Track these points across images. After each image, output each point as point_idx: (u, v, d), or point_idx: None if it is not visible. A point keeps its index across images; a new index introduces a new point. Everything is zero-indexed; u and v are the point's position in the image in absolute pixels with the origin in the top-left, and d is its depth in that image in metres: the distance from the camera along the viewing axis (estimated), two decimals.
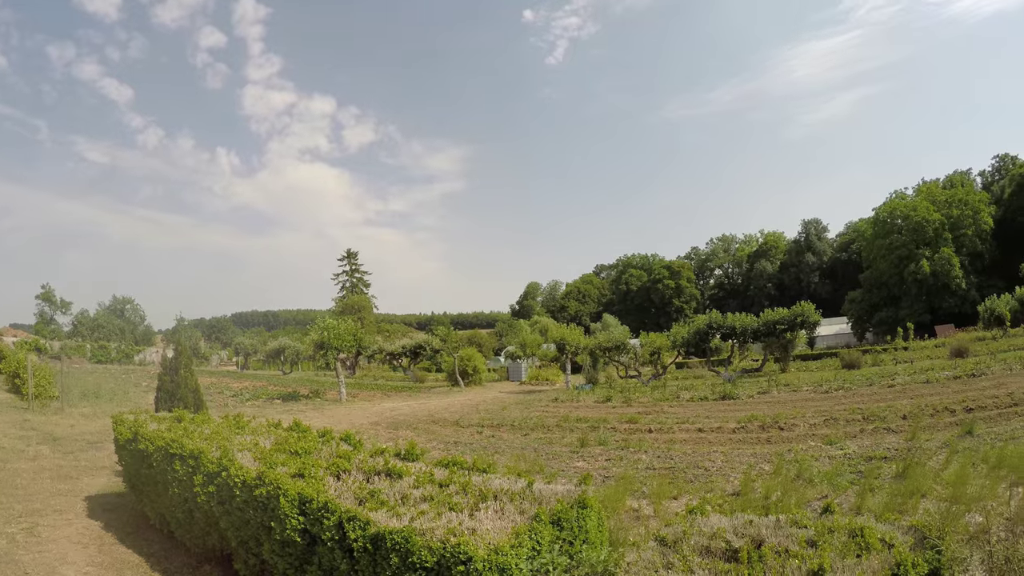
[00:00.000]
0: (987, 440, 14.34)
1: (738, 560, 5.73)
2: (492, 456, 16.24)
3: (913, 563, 5.46)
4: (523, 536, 5.56)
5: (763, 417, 20.12)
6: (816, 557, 5.57)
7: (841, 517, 6.73)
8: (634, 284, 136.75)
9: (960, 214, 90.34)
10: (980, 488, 9.86)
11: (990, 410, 18.04)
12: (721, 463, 14.61)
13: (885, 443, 15.41)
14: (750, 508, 8.63)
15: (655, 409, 25.12)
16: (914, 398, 21.79)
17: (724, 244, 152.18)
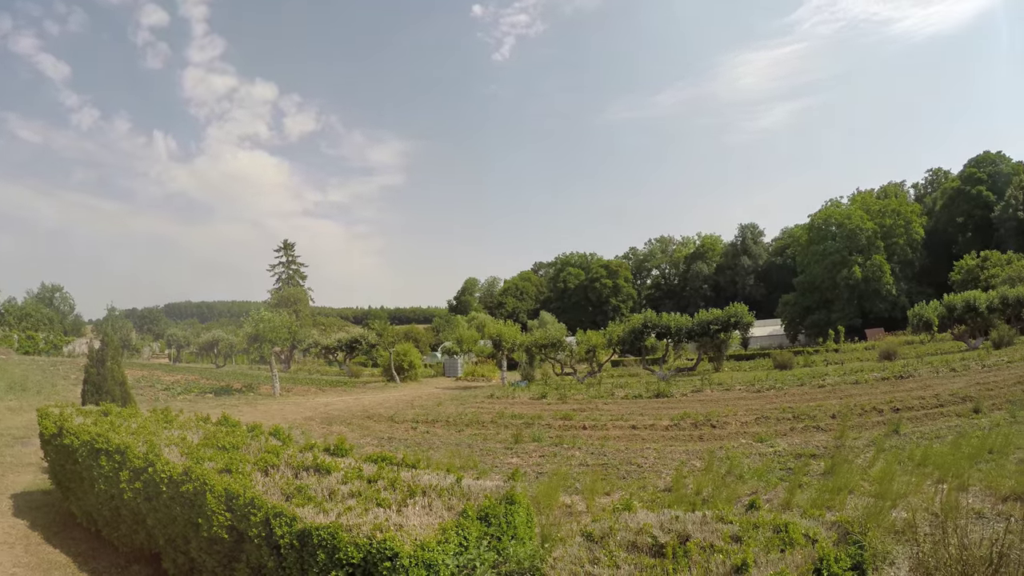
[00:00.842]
0: (913, 439, 14.70)
1: (663, 555, 5.77)
2: (426, 452, 16.07)
3: (836, 558, 5.53)
4: (450, 532, 5.55)
5: (696, 415, 20.31)
6: (740, 552, 5.63)
7: (766, 513, 6.85)
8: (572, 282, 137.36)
9: (893, 223, 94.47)
10: (906, 485, 10.07)
11: (916, 410, 18.57)
12: (654, 460, 14.66)
13: (814, 441, 15.68)
14: (681, 504, 8.65)
15: (590, 406, 25.20)
16: (843, 398, 22.30)
17: (662, 245, 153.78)
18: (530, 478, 12.75)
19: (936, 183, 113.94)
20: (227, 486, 6.80)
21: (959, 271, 75.67)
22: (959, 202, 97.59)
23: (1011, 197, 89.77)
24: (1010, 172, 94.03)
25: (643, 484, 12.10)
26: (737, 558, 5.49)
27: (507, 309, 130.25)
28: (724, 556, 5.59)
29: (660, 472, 13.28)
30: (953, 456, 11.74)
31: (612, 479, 12.56)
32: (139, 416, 12.01)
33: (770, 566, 5.48)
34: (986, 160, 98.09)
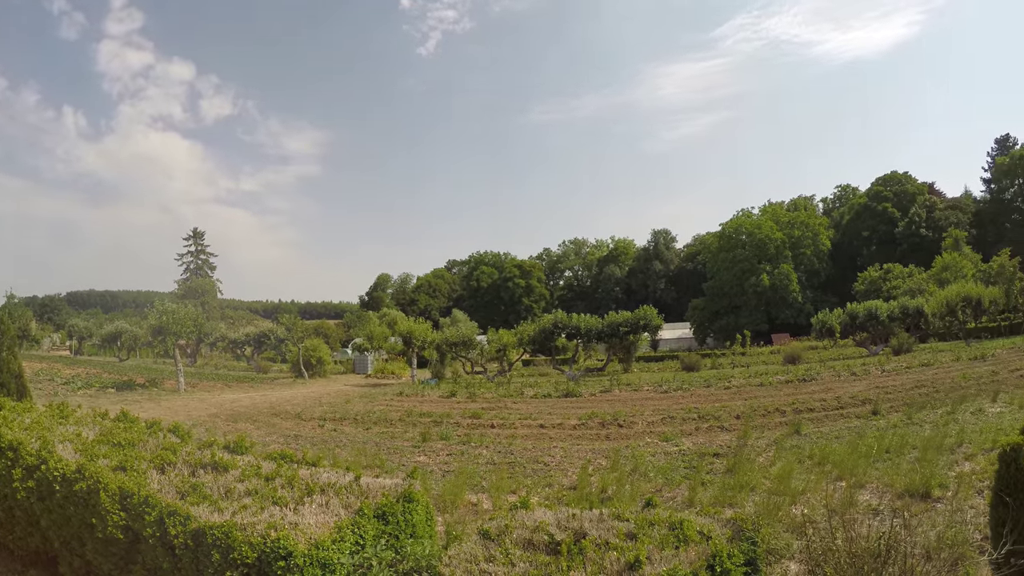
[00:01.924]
0: (813, 439, 15.07)
1: (559, 553, 5.79)
2: (333, 450, 15.70)
3: (729, 554, 5.59)
4: (346, 530, 5.51)
5: (603, 414, 20.44)
6: (634, 549, 5.69)
7: (663, 511, 6.89)
8: (485, 281, 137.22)
9: (801, 235, 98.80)
10: (805, 483, 10.26)
11: (818, 412, 19.12)
12: (560, 458, 14.69)
13: (718, 440, 15.92)
14: (586, 502, 8.60)
15: (499, 405, 25.18)
16: (748, 399, 22.82)
17: (576, 247, 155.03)
18: (437, 476, 12.65)
19: (844, 198, 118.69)
20: (121, 484, 6.54)
21: (863, 282, 78.82)
22: (865, 217, 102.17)
23: (914, 215, 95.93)
24: (915, 192, 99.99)
25: (549, 482, 12.07)
26: (631, 555, 5.56)
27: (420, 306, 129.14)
28: (618, 553, 5.66)
29: (566, 470, 13.29)
30: (851, 455, 12.07)
31: (519, 477, 12.48)
32: (34, 411, 11.37)
33: (664, 563, 5.55)
34: (893, 179, 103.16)
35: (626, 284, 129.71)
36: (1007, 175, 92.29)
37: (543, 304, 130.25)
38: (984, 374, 24.74)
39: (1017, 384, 21.56)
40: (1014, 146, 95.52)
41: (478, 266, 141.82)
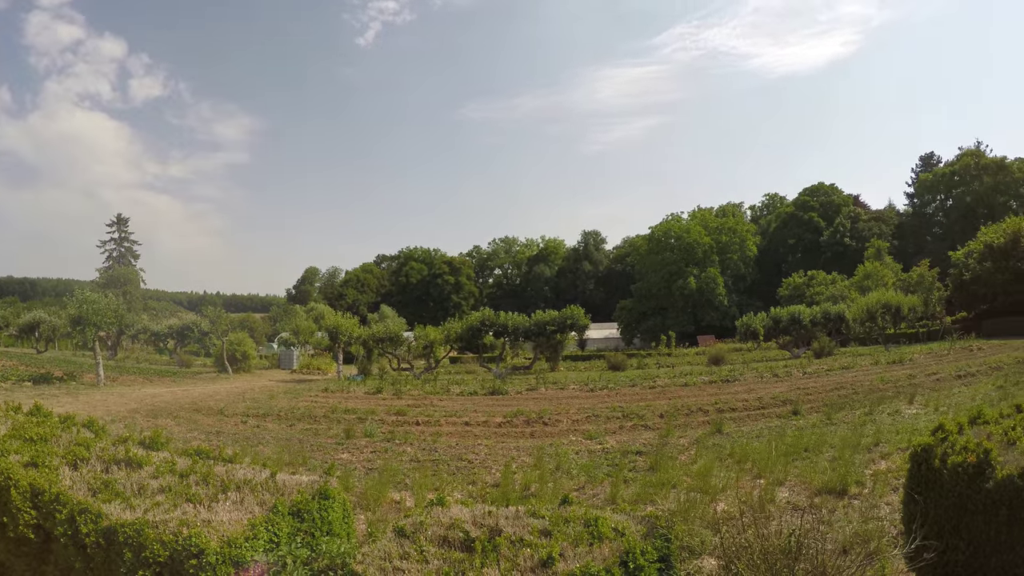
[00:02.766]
0: (734, 438, 15.27)
1: (473, 550, 5.80)
2: (255, 447, 15.38)
3: (642, 551, 5.64)
4: (259, 528, 5.47)
5: (529, 412, 20.47)
6: (548, 546, 5.73)
7: (578, 507, 6.91)
8: (414, 277, 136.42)
9: (729, 240, 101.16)
10: (725, 480, 10.31)
11: (740, 411, 19.46)
12: (485, 456, 14.68)
13: (642, 439, 16.04)
14: (509, 499, 8.55)
15: (425, 402, 25.07)
16: (672, 399, 23.05)
17: (506, 245, 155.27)
18: (360, 474, 12.49)
19: (772, 206, 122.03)
20: (32, 481, 6.32)
21: (787, 287, 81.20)
22: (792, 225, 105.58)
23: (839, 225, 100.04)
24: (840, 203, 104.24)
25: (473, 480, 12.00)
26: (544, 552, 5.60)
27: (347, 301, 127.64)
28: (532, 550, 5.70)
29: (490, 468, 13.25)
30: (771, 454, 12.25)
31: (442, 475, 12.37)
32: None
33: (577, 559, 5.59)
34: (820, 190, 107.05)
35: (555, 284, 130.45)
36: (929, 191, 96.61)
37: (472, 302, 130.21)
38: (902, 377, 25.51)
39: (933, 387, 22.29)
40: (937, 164, 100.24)
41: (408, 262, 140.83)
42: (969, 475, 5.36)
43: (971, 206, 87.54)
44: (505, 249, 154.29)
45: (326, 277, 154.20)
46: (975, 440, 5.65)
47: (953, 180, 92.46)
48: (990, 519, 5.19)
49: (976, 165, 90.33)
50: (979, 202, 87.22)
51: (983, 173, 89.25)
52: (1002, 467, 5.26)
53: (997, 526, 5.15)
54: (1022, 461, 5.22)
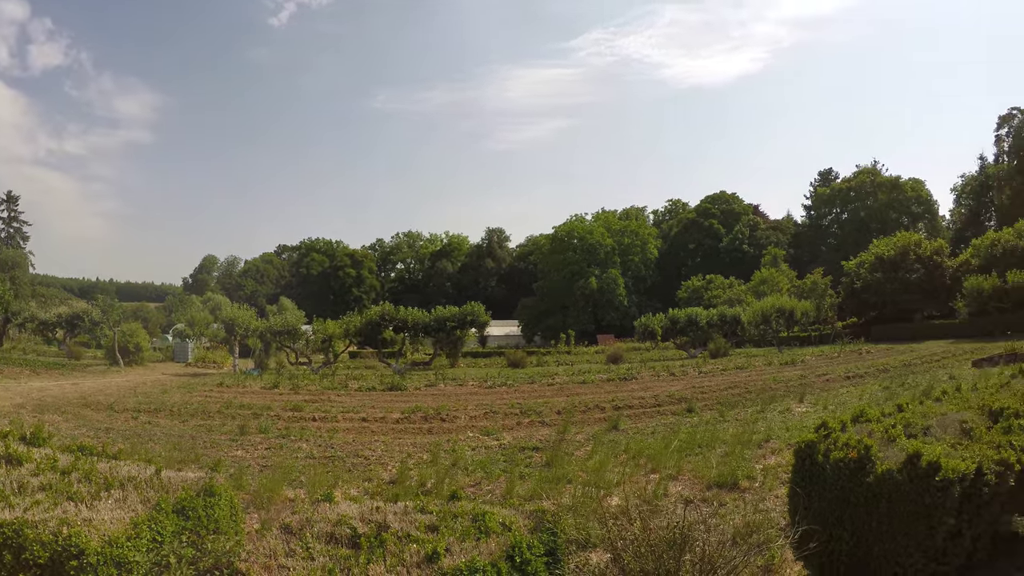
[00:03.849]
0: (630, 434, 15.49)
1: (360, 546, 5.87)
2: (146, 444, 14.78)
3: (529, 545, 5.77)
4: (143, 527, 5.31)
5: (427, 409, 20.39)
6: (434, 541, 5.87)
7: (467, 503, 7.11)
8: (315, 269, 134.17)
9: (631, 242, 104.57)
10: (620, 475, 10.42)
11: (636, 409, 19.78)
12: (381, 452, 14.52)
13: (539, 435, 16.11)
14: (404, 496, 8.41)
15: (322, 398, 24.76)
16: (570, 396, 23.31)
17: (410, 240, 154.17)
18: (254, 471, 12.13)
19: (675, 212, 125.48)
20: None
21: (686, 290, 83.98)
22: (693, 231, 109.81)
23: (738, 232, 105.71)
24: (740, 211, 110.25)
25: (369, 477, 11.81)
26: (430, 547, 5.72)
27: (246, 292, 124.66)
28: (419, 545, 5.81)
29: (387, 465, 13.12)
30: (665, 449, 12.48)
31: (338, 472, 12.13)
32: None
33: (464, 554, 5.68)
34: (721, 198, 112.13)
35: (458, 280, 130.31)
36: (826, 204, 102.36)
37: (373, 296, 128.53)
38: (793, 378, 26.49)
39: (823, 388, 23.22)
40: (835, 179, 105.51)
41: (309, 253, 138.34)
42: (851, 470, 5.56)
43: (865, 220, 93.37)
44: (408, 243, 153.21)
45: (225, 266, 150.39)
46: (856, 437, 5.87)
47: (849, 195, 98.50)
48: (871, 511, 5.39)
49: (872, 182, 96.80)
50: (872, 217, 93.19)
51: (878, 190, 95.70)
52: (882, 462, 5.47)
53: (878, 517, 5.36)
54: (901, 457, 5.43)
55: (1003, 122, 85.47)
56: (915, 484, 5.20)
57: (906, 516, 5.22)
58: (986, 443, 6.01)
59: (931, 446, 5.59)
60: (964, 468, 5.27)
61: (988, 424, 6.69)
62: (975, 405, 7.40)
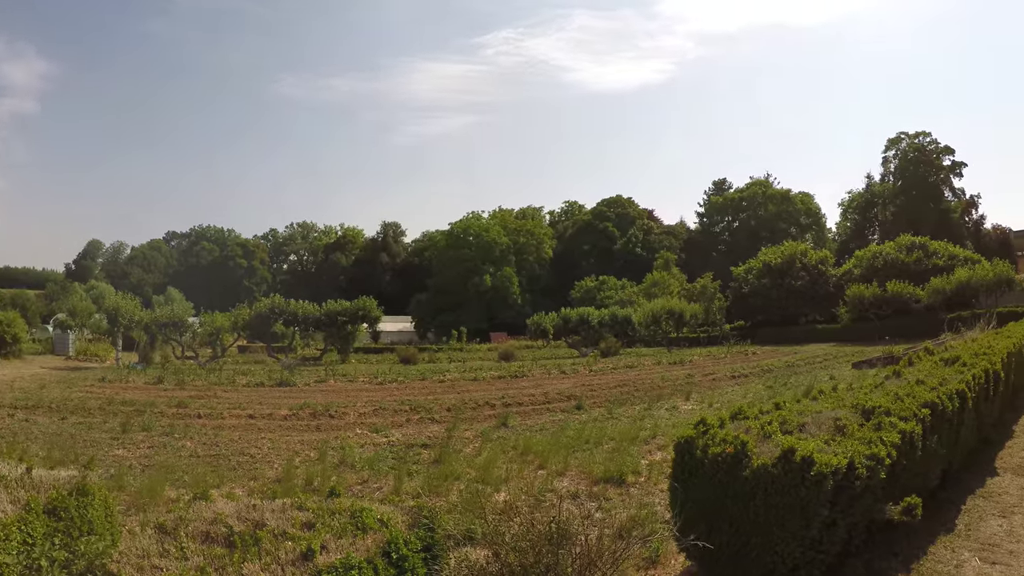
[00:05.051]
0: (519, 431, 15.60)
1: (235, 545, 5.76)
2: (22, 443, 13.90)
3: (406, 541, 5.78)
4: (12, 529, 4.95)
5: (316, 405, 20.08)
6: (310, 539, 5.80)
7: (345, 499, 7.04)
8: (205, 258, 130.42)
9: (526, 242, 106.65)
10: (508, 471, 10.49)
11: (526, 406, 19.98)
12: (268, 450, 14.18)
13: (428, 432, 16.06)
14: (291, 494, 8.29)
15: (208, 394, 24.07)
16: (461, 393, 23.49)
17: (304, 230, 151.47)
18: (137, 471, 11.66)
19: (571, 213, 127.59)
20: None
21: (579, 290, 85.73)
22: (588, 232, 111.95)
23: (632, 235, 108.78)
24: (635, 216, 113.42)
25: (254, 475, 11.56)
26: (304, 544, 5.66)
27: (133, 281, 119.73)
28: (294, 543, 5.74)
29: (272, 463, 12.82)
30: (554, 446, 12.61)
31: (223, 470, 11.80)
32: None
33: (340, 551, 5.65)
34: (617, 202, 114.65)
35: (352, 274, 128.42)
36: (718, 212, 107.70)
37: (264, 287, 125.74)
38: (681, 377, 27.24)
39: (709, 386, 24.10)
40: (728, 189, 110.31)
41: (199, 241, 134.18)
42: (728, 465, 5.71)
43: (755, 229, 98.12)
44: (303, 234, 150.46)
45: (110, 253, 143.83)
46: (734, 433, 6.03)
47: (741, 204, 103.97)
48: (748, 504, 5.56)
49: (763, 194, 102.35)
50: (762, 226, 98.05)
51: (769, 201, 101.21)
52: (757, 457, 5.63)
53: (755, 510, 5.52)
54: (776, 452, 5.60)
55: (891, 144, 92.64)
56: (789, 478, 5.39)
57: (782, 508, 5.42)
58: (858, 439, 6.28)
59: (805, 442, 5.81)
60: (836, 462, 5.50)
61: (861, 422, 7.00)
62: (849, 404, 7.74)
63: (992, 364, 11.54)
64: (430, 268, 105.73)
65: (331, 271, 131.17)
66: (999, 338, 16.67)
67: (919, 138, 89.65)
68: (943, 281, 49.97)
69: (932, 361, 11.83)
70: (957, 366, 10.84)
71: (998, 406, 12.92)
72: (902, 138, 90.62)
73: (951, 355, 12.21)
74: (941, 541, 7.39)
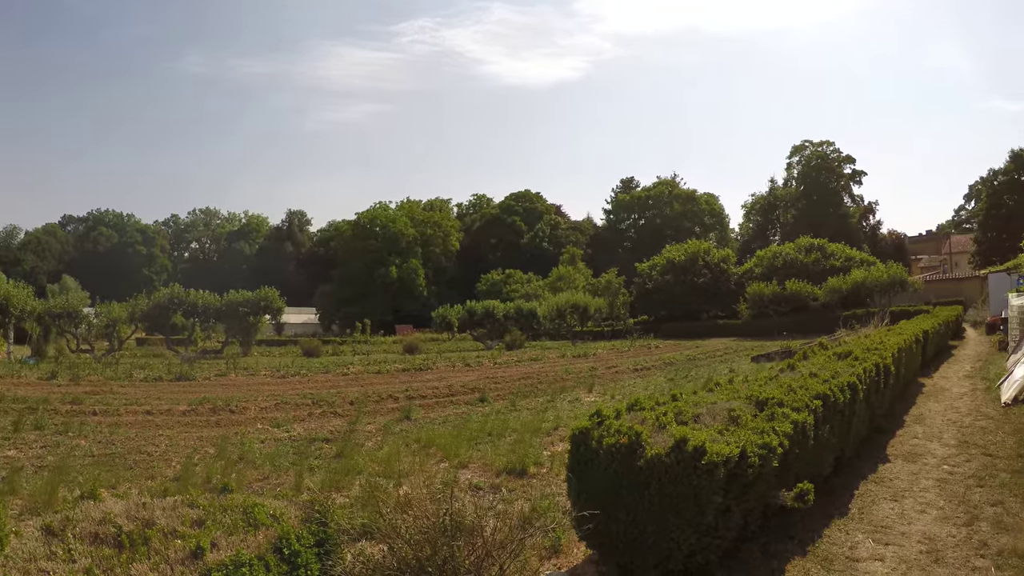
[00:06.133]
0: (422, 424, 15.63)
1: (124, 545, 5.69)
2: None
3: (298, 536, 5.74)
4: None
5: (216, 400, 19.56)
6: (200, 536, 5.79)
7: (238, 495, 7.07)
8: (104, 245, 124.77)
9: (433, 234, 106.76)
10: (410, 465, 10.50)
11: (429, 399, 19.98)
12: (166, 447, 13.72)
13: (330, 426, 15.93)
14: (187, 492, 8.09)
15: (104, 389, 23.07)
16: (364, 386, 23.28)
17: (206, 217, 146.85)
18: (29, 473, 11.07)
19: (479, 206, 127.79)
20: None
21: (485, 283, 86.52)
22: (495, 226, 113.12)
23: (540, 230, 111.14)
24: (543, 211, 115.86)
25: (152, 474, 11.13)
26: (194, 542, 5.62)
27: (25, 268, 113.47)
28: (184, 541, 5.70)
29: (171, 461, 12.42)
30: (456, 438, 12.64)
31: (119, 470, 11.38)
32: None
33: (231, 548, 5.63)
34: (525, 197, 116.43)
35: (256, 263, 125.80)
36: (625, 209, 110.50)
37: (165, 277, 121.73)
38: (584, 370, 27.67)
39: (612, 379, 24.60)
40: (636, 187, 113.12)
41: (97, 226, 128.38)
42: (623, 455, 5.82)
43: (660, 227, 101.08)
44: (205, 221, 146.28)
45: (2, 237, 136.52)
46: (628, 424, 6.17)
47: (648, 203, 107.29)
48: (643, 493, 5.68)
49: (670, 193, 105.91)
50: (667, 224, 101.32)
51: (675, 200, 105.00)
52: (651, 447, 5.75)
53: (650, 498, 5.65)
54: (669, 442, 5.74)
55: (796, 151, 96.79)
56: (682, 467, 5.54)
57: (676, 497, 5.56)
58: (751, 429, 6.50)
59: (698, 432, 5.97)
60: (728, 451, 5.68)
61: (755, 412, 7.25)
62: (744, 395, 8.00)
63: (883, 359, 12.17)
64: (335, 259, 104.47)
65: (234, 260, 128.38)
66: (891, 335, 17.60)
67: (823, 147, 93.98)
68: (840, 281, 52.38)
69: (826, 355, 12.35)
70: (849, 360, 11.35)
71: (889, 398, 13.70)
72: (806, 146, 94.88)
73: (844, 350, 12.80)
74: (836, 524, 7.73)
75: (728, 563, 6.42)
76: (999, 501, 8.38)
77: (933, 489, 9.08)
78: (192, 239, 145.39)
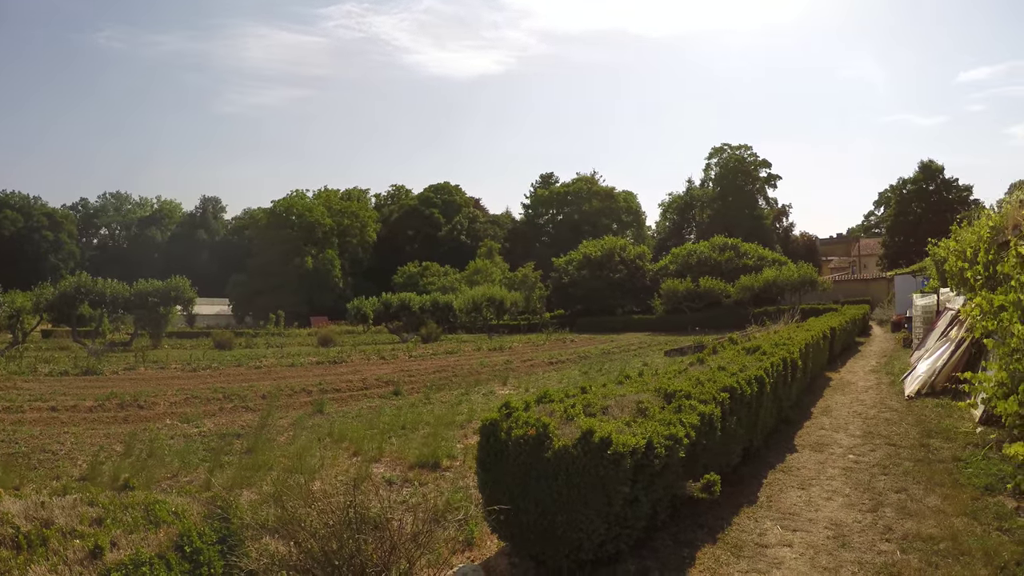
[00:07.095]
0: (335, 418, 15.43)
1: (21, 547, 5.52)
2: None
3: (200, 533, 5.73)
4: None
5: (124, 395, 18.90)
6: (98, 535, 5.64)
7: (139, 493, 6.92)
8: (8, 229, 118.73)
9: (351, 224, 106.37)
10: (323, 459, 10.47)
11: (344, 392, 19.78)
12: (71, 445, 13.22)
13: (241, 421, 15.65)
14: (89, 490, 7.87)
15: (7, 384, 22.14)
16: (277, 379, 22.90)
17: (117, 202, 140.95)
18: None
19: (397, 197, 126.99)
20: None
21: (402, 275, 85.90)
22: (413, 218, 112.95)
23: (458, 223, 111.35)
24: (462, 203, 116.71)
25: (57, 474, 10.74)
26: (90, 541, 5.50)
27: None
28: (83, 541, 5.57)
29: (76, 459, 11.98)
30: (369, 432, 12.62)
31: (22, 470, 10.88)
32: None
33: (131, 546, 5.53)
34: (444, 189, 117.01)
35: (168, 251, 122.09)
36: (543, 204, 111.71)
37: (72, 264, 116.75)
38: (500, 363, 27.80)
39: (527, 372, 24.76)
40: (555, 183, 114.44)
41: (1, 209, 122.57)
42: (531, 446, 5.90)
43: (578, 223, 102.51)
44: (116, 206, 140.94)
45: None
46: (537, 416, 6.25)
47: (567, 199, 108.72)
48: (552, 484, 5.77)
49: (589, 190, 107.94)
50: (586, 220, 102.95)
51: (593, 197, 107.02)
52: (559, 439, 5.84)
53: (558, 489, 5.74)
54: (576, 434, 5.84)
55: (714, 153, 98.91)
56: (589, 458, 5.63)
57: (583, 487, 5.65)
58: (658, 421, 6.64)
59: (605, 423, 6.10)
60: (635, 442, 5.80)
61: (663, 404, 7.40)
62: (653, 388, 8.15)
63: (791, 353, 12.58)
64: (250, 248, 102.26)
65: (145, 247, 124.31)
66: (799, 331, 18.21)
67: (740, 150, 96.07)
68: (752, 279, 53.83)
69: (735, 350, 12.68)
70: (758, 355, 11.68)
71: (797, 390, 14.19)
72: (724, 148, 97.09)
73: (753, 345, 13.18)
74: (745, 512, 7.95)
75: (640, 552, 6.57)
76: (903, 488, 8.74)
77: (839, 477, 9.42)
78: (102, 224, 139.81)
